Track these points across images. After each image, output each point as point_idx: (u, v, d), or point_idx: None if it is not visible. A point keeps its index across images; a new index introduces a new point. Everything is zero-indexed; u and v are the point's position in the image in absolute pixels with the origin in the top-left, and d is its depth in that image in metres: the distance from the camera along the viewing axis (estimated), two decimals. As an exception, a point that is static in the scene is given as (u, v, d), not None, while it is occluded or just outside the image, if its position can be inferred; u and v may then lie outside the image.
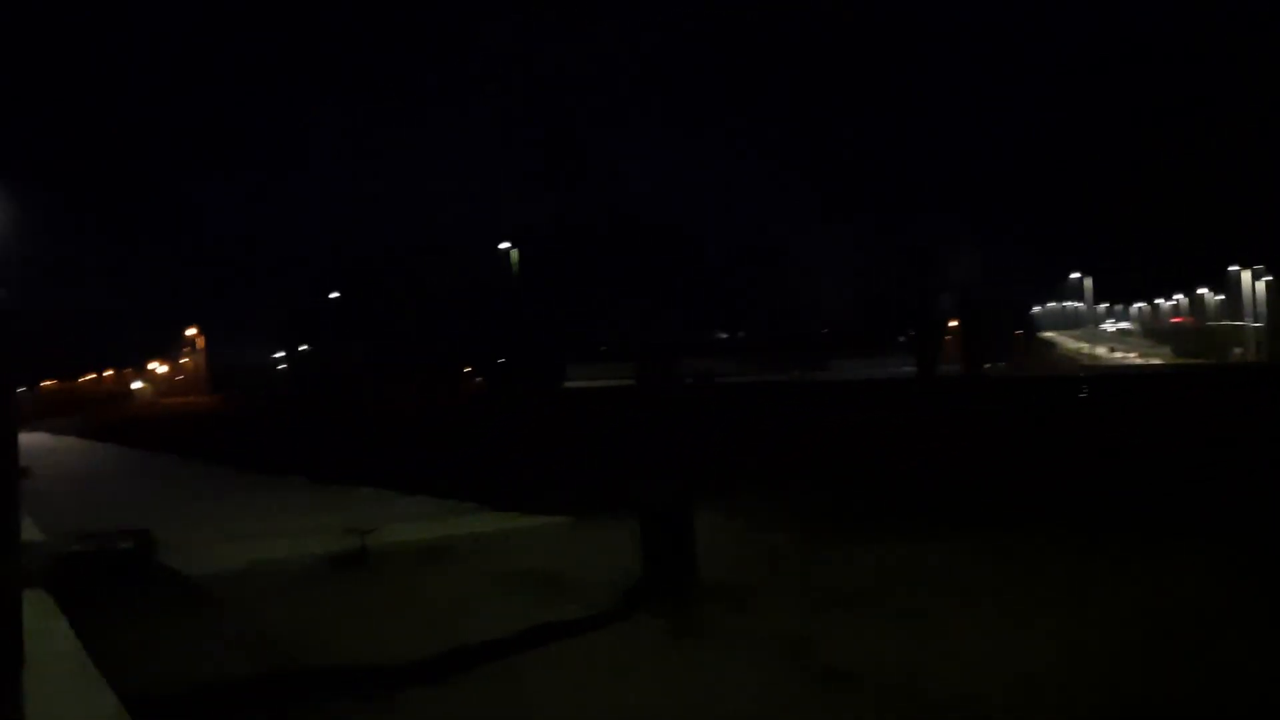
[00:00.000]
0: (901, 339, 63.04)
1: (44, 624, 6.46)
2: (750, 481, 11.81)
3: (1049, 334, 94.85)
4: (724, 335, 79.11)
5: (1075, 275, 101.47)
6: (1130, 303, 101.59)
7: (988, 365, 57.06)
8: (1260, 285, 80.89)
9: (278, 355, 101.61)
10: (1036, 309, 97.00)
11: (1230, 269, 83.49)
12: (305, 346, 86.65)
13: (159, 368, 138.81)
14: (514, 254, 63.87)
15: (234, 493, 15.75)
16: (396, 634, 6.54)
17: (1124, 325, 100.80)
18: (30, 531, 10.80)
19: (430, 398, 45.60)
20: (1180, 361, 71.68)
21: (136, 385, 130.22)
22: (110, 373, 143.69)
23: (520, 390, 49.71)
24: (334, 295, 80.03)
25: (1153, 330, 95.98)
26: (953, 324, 66.86)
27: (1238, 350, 78.62)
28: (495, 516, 11.24)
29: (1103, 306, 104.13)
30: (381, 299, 72.29)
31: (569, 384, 56.30)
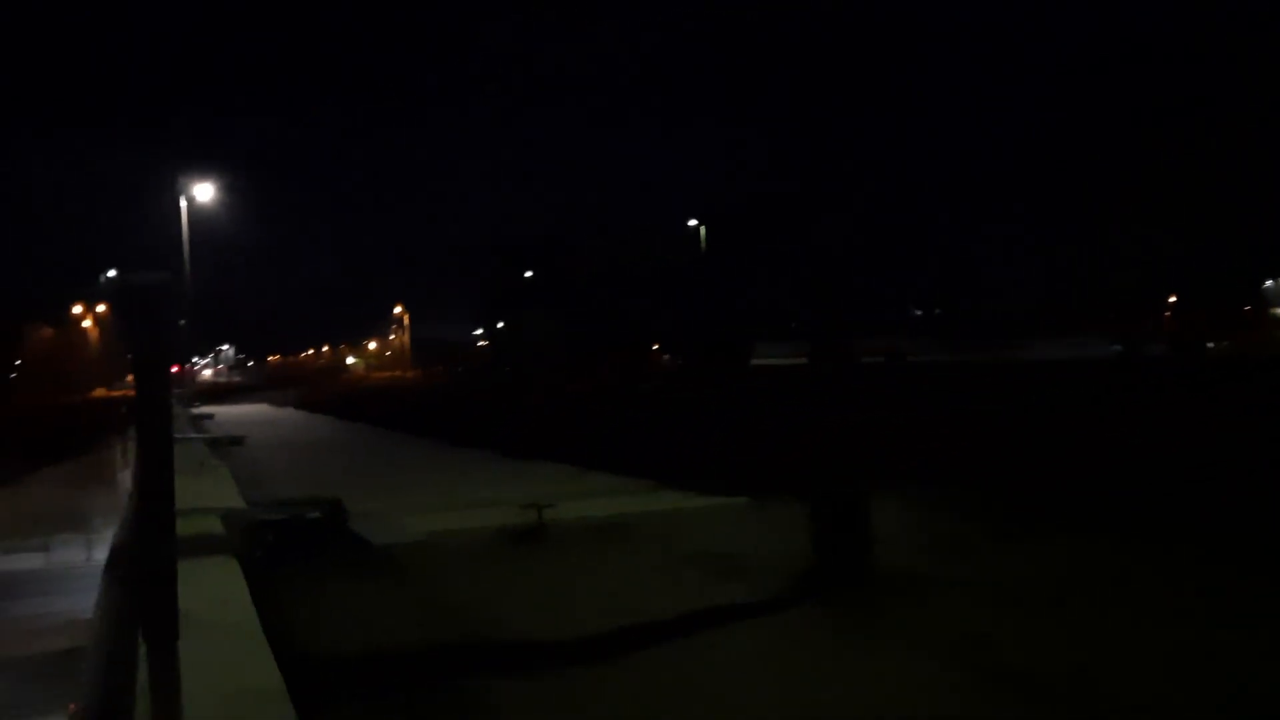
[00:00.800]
0: (1112, 316, 59.21)
1: (224, 592, 6.70)
2: (932, 468, 11.27)
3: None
4: (919, 312, 76.59)
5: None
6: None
7: (1210, 345, 52.68)
8: None
9: (477, 332, 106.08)
10: (1269, 283, 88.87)
11: None
12: (501, 324, 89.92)
13: (370, 344, 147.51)
14: (702, 231, 63.85)
15: (427, 464, 16.45)
16: (568, 610, 6.55)
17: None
18: (233, 498, 11.54)
19: (617, 375, 46.27)
20: None
21: (350, 360, 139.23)
22: (327, 348, 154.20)
23: (705, 368, 49.73)
24: (528, 274, 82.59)
25: None
26: (1172, 300, 62.33)
27: None
28: (672, 495, 11.17)
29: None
30: (572, 277, 74.02)
31: (756, 362, 55.87)
